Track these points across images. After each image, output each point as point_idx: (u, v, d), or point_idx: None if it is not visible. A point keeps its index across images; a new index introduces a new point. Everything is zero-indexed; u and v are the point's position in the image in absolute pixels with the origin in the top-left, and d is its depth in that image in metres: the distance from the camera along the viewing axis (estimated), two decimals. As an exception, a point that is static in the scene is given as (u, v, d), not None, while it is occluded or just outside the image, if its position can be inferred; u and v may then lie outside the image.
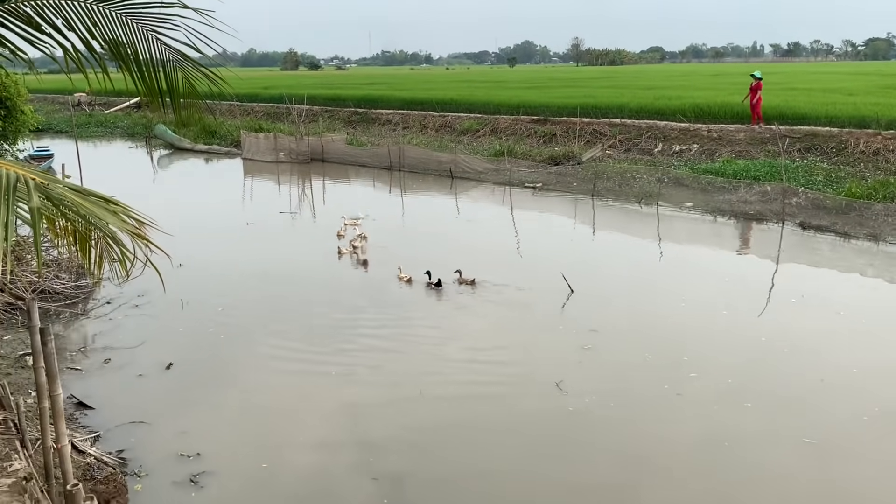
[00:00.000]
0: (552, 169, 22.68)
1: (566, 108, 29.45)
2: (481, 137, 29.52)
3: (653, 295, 11.51)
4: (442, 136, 30.75)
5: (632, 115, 27.59)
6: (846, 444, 7.02)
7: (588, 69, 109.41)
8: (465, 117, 32.20)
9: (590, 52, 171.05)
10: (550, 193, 20.59)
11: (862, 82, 39.75)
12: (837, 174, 18.99)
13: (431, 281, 11.85)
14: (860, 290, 11.81)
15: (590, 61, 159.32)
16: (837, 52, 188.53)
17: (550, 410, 7.76)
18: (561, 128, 27.57)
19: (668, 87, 38.37)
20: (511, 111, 31.26)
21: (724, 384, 8.28)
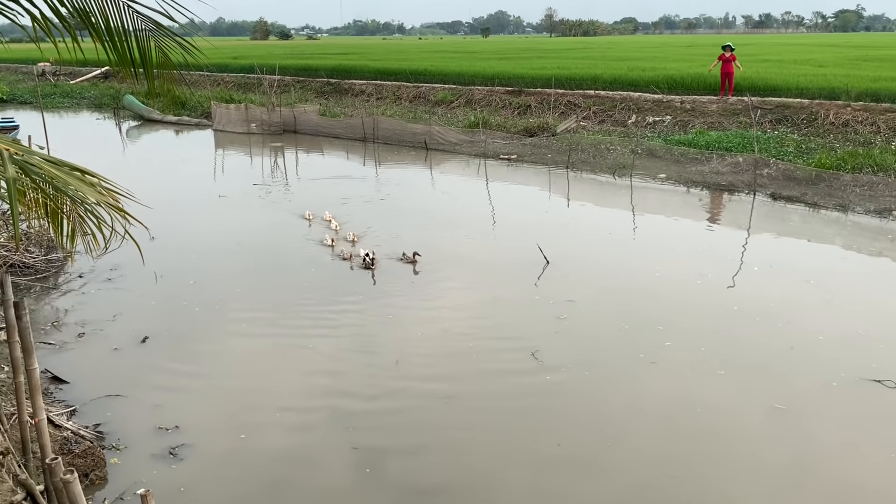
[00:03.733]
0: (527, 140, 22.67)
1: (540, 80, 29.39)
2: (456, 109, 29.38)
3: (628, 265, 11.63)
4: (416, 107, 30.54)
5: (605, 87, 27.61)
6: (815, 410, 7.20)
7: (562, 40, 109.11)
8: (440, 88, 31.99)
9: (563, 23, 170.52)
10: (525, 165, 20.61)
11: (831, 54, 40.16)
12: (808, 145, 19.25)
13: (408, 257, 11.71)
14: (829, 259, 12.05)
15: (563, 32, 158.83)
16: (808, 23, 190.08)
17: (526, 380, 7.85)
18: (535, 99, 27.52)
19: (642, 59, 38.42)
20: (485, 82, 31.10)
21: (698, 352, 8.43)
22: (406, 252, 11.69)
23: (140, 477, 6.14)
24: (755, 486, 6.05)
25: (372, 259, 11.43)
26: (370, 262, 11.38)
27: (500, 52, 52.10)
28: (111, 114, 35.02)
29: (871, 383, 7.58)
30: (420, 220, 14.51)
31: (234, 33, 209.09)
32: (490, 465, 6.38)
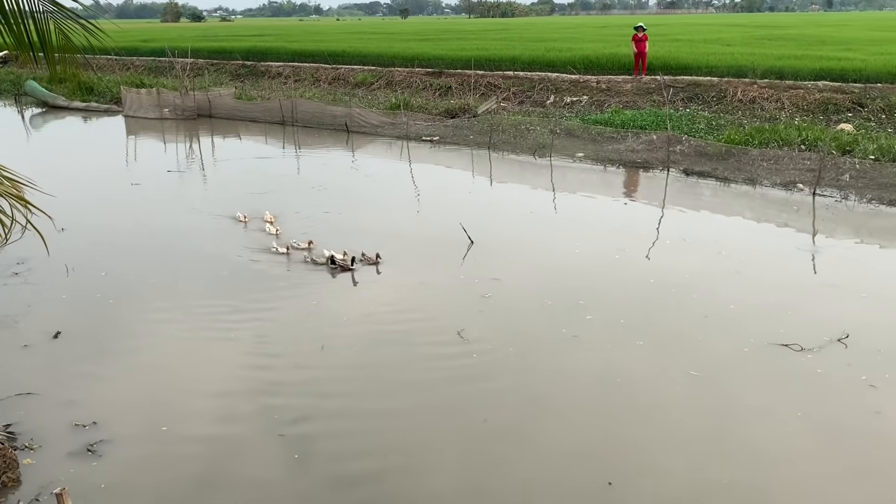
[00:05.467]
0: (449, 122, 22.71)
1: (460, 61, 29.42)
2: (376, 90, 29.13)
3: (550, 242, 11.85)
4: (336, 88, 30.13)
5: (524, 68, 27.87)
6: (729, 375, 7.53)
7: (480, 21, 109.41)
8: (359, 70, 31.63)
9: (482, 4, 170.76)
10: (448, 146, 20.65)
11: (738, 33, 41.68)
12: (718, 122, 19.96)
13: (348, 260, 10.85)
14: (739, 231, 12.58)
15: (482, 13, 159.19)
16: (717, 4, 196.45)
17: (452, 358, 7.92)
18: (456, 80, 27.55)
19: (559, 40, 38.92)
20: (405, 63, 30.90)
21: (618, 324, 8.69)
22: (366, 252, 10.96)
23: (56, 476, 5.91)
24: (677, 450, 6.30)
25: (353, 259, 10.61)
26: (347, 262, 10.53)
27: (420, 34, 51.83)
28: (12, 101, 33.14)
29: (780, 348, 7.98)
30: (344, 203, 14.36)
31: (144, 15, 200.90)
32: (419, 445, 6.42)
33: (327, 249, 10.93)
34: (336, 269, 10.55)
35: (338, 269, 10.55)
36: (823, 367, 7.55)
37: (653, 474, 6.02)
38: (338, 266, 10.56)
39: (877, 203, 13.68)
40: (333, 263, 10.61)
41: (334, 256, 10.64)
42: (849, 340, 8.05)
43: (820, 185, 14.43)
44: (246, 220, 13.03)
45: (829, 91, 20.74)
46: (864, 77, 21.46)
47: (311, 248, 11.30)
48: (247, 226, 12.83)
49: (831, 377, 7.38)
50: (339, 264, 10.54)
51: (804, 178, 14.97)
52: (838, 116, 19.32)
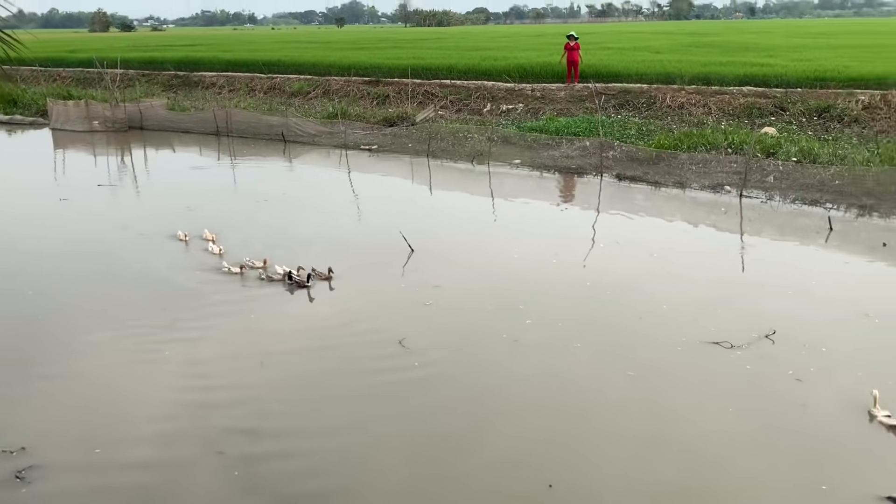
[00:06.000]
0: (387, 130, 22.72)
1: (397, 69, 29.46)
2: (313, 99, 28.93)
3: (489, 248, 11.98)
4: (271, 98, 29.81)
5: (461, 76, 28.11)
6: (663, 374, 7.75)
7: (416, 30, 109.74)
8: (295, 79, 31.37)
9: (417, 13, 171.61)
10: (387, 155, 20.66)
11: (667, 41, 42.91)
12: (648, 128, 20.50)
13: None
14: (670, 233, 12.96)
15: (418, 22, 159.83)
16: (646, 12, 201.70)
17: (394, 370, 7.92)
18: (393, 89, 27.58)
19: (494, 48, 39.38)
20: (342, 72, 30.80)
21: (556, 328, 8.84)
22: (316, 267, 10.63)
23: (-17, 506, 5.69)
24: (618, 451, 6.45)
25: (308, 275, 10.29)
26: (303, 279, 10.25)
27: (356, 42, 51.73)
28: (-72, 114, 31.64)
29: (711, 346, 8.25)
30: (285, 215, 14.23)
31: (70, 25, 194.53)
32: (363, 462, 6.39)
33: (279, 266, 10.65)
34: (293, 286, 10.27)
35: (294, 285, 10.28)
36: (752, 364, 7.84)
37: (594, 476, 6.15)
38: (294, 283, 10.30)
39: (800, 203, 14.27)
40: (290, 280, 10.37)
41: (291, 273, 10.38)
42: (776, 336, 8.37)
43: (746, 187, 14.98)
44: (186, 238, 12.43)
45: (752, 96, 21.55)
46: (785, 82, 22.37)
47: (266, 266, 10.84)
48: (188, 244, 12.29)
49: (760, 373, 7.66)
50: (297, 281, 10.28)
51: (731, 181, 15.51)
52: (762, 120, 20.09)
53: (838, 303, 9.46)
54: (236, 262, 10.99)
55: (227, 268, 10.87)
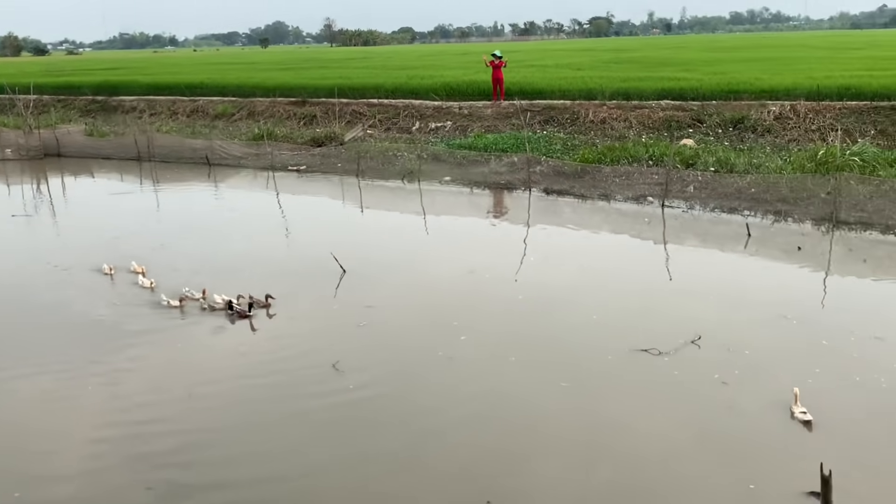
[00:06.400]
0: (315, 151, 22.58)
1: (324, 89, 29.34)
2: (238, 121, 28.49)
3: (422, 266, 12.00)
4: (194, 121, 29.21)
5: (388, 95, 28.18)
6: (596, 383, 7.89)
7: (342, 49, 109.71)
8: (219, 101, 30.84)
9: (343, 33, 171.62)
10: (316, 175, 20.50)
11: (588, 58, 44.07)
12: (573, 142, 20.97)
13: None
14: (597, 244, 13.26)
15: (344, 42, 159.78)
16: (567, 30, 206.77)
17: (329, 392, 7.82)
18: (320, 109, 27.44)
19: (421, 67, 39.67)
20: (267, 93, 30.49)
21: (490, 342, 8.91)
22: (253, 295, 10.27)
23: None
24: (557, 460, 6.54)
25: (249, 306, 9.97)
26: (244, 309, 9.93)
27: (282, 63, 51.30)
28: None
29: (640, 353, 8.45)
30: (213, 241, 13.92)
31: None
32: (299, 486, 6.28)
33: (218, 295, 10.30)
34: (234, 316, 9.94)
35: (235, 315, 9.95)
36: (680, 369, 8.06)
37: (535, 487, 6.20)
38: (235, 312, 9.98)
39: (719, 211, 14.81)
40: (231, 309, 10.06)
41: (232, 302, 10.07)
42: (701, 342, 8.65)
43: (668, 198, 15.47)
44: (112, 271, 11.78)
45: (671, 109, 22.32)
46: (701, 95, 23.24)
47: (205, 296, 10.41)
48: (114, 278, 11.67)
49: (688, 378, 7.89)
50: (238, 311, 9.98)
51: (653, 192, 15.99)
52: (680, 132, 20.81)
53: (758, 306, 9.83)
54: (175, 295, 10.50)
55: (166, 301, 10.39)
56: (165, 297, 10.43)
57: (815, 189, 14.73)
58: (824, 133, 19.20)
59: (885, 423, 6.88)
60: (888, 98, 20.35)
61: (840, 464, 6.08)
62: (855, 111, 20.00)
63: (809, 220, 13.84)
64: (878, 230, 13.07)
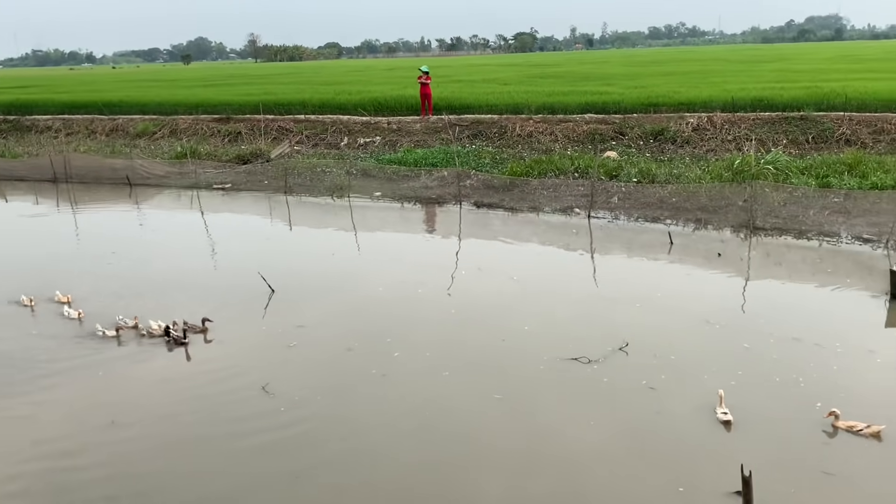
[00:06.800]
0: (241, 168, 22.18)
1: (248, 106, 28.95)
2: (160, 140, 27.74)
3: (354, 283, 11.88)
4: (114, 140, 28.32)
5: (315, 111, 27.99)
6: (529, 393, 7.95)
7: (268, 65, 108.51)
8: (139, 119, 30.02)
9: (268, 49, 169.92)
10: (242, 193, 20.12)
11: (514, 73, 44.84)
12: (501, 156, 21.23)
13: None
14: (527, 255, 13.41)
15: (269, 57, 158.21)
16: (493, 45, 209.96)
17: (259, 415, 7.64)
18: (245, 126, 27.00)
19: (348, 83, 39.59)
20: (190, 110, 29.86)
21: (424, 358, 8.87)
22: (188, 320, 9.95)
23: None
24: (494, 472, 6.56)
25: (184, 332, 9.61)
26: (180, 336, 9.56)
27: (205, 80, 50.34)
28: None
29: (571, 362, 8.57)
30: (137, 265, 13.42)
31: None
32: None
33: (153, 321, 9.90)
34: (170, 343, 9.56)
35: (172, 342, 9.57)
36: (609, 376, 8.21)
37: (473, 498, 6.19)
38: (171, 339, 9.60)
39: (642, 220, 15.21)
40: (167, 336, 9.68)
41: (168, 328, 9.68)
42: (629, 348, 8.83)
43: (594, 209, 15.80)
44: (32, 303, 11.10)
45: (594, 122, 22.86)
46: (623, 108, 23.93)
47: (137, 323, 10.01)
48: (34, 310, 11.02)
49: (617, 385, 8.04)
50: (174, 338, 9.59)
51: (580, 203, 16.32)
52: (604, 145, 21.33)
53: (683, 312, 10.12)
54: (109, 324, 9.98)
55: (101, 331, 9.90)
56: (101, 327, 9.94)
57: (733, 197, 15.32)
58: (740, 143, 20.00)
59: (804, 421, 7.15)
60: (798, 109, 21.39)
61: (763, 462, 6.30)
62: (767, 122, 20.92)
63: (728, 227, 14.35)
64: (792, 235, 13.65)
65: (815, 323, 9.55)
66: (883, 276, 10.75)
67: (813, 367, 8.24)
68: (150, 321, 9.94)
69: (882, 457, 6.63)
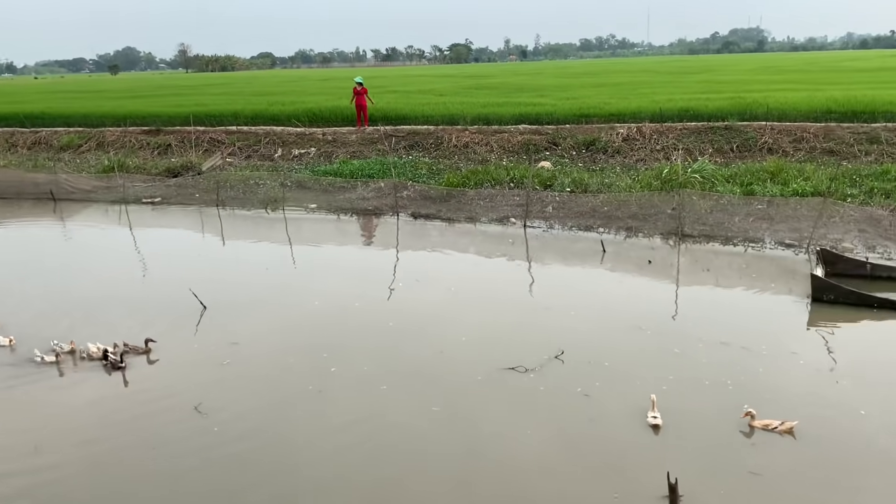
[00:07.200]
0: (171, 181, 21.64)
1: (179, 117, 28.32)
2: (86, 153, 26.84)
3: (289, 298, 11.70)
4: (36, 154, 27.26)
5: (248, 122, 27.59)
6: (468, 404, 7.97)
7: (199, 76, 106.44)
8: (64, 132, 28.98)
9: (199, 59, 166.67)
10: (173, 207, 19.62)
11: (449, 84, 45.14)
12: (438, 167, 21.31)
13: None
14: (465, 266, 13.47)
15: (200, 67, 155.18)
16: (428, 56, 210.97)
17: (190, 435, 7.44)
18: (175, 138, 26.38)
19: (281, 93, 39.17)
20: (118, 122, 29.04)
21: (362, 372, 8.80)
22: (129, 342, 9.62)
23: None
24: (436, 483, 6.57)
25: (121, 355, 9.22)
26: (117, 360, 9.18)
27: (133, 91, 49.04)
28: None
29: (508, 371, 8.64)
30: (64, 283, 12.92)
31: None
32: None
33: (92, 343, 9.51)
34: (108, 366, 9.18)
35: (109, 365, 9.19)
36: (545, 385, 8.30)
37: (407, 516, 6.16)
38: (109, 363, 9.22)
39: (576, 229, 15.48)
40: (105, 359, 9.30)
41: (107, 351, 9.30)
42: (564, 356, 8.96)
43: (529, 218, 16.01)
44: None
45: (528, 133, 23.19)
46: (555, 119, 24.36)
47: (74, 347, 9.60)
48: None
49: (552, 393, 8.14)
50: (111, 361, 9.22)
51: (515, 213, 16.50)
52: (538, 155, 21.64)
53: (616, 318, 10.32)
54: (44, 349, 9.54)
55: (39, 357, 9.42)
56: (39, 353, 9.47)
57: (662, 205, 15.75)
58: (668, 152, 20.58)
59: (733, 422, 7.37)
60: (722, 119, 22.17)
61: (695, 465, 6.48)
62: (694, 131, 21.59)
63: (658, 235, 14.73)
64: (719, 241, 14.10)
65: (742, 327, 9.87)
66: (804, 279, 11.20)
67: (740, 370, 8.52)
68: (89, 344, 9.56)
69: (802, 454, 6.88)
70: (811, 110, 22.34)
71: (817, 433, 7.17)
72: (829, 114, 22.04)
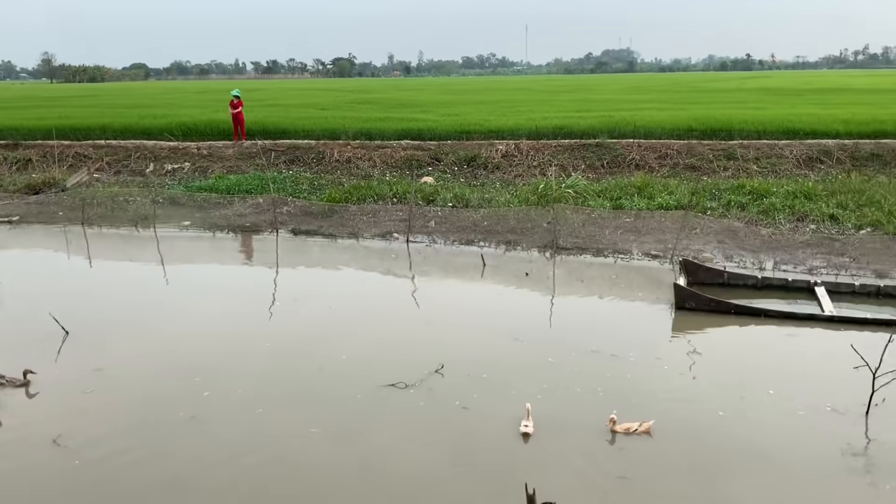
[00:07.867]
0: (31, 199, 20.34)
1: (40, 130, 26.67)
2: (-68, 168, 24.73)
3: (159, 320, 11.20)
4: None
5: (117, 136, 26.35)
6: (347, 423, 7.88)
7: (64, 86, 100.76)
8: None
9: (65, 69, 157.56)
10: (33, 226, 18.38)
11: (332, 98, 44.86)
12: (319, 182, 21.09)
13: None
14: (346, 282, 13.38)
15: (66, 78, 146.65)
16: (311, 69, 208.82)
17: (47, 469, 6.96)
18: (37, 152, 24.81)
19: (154, 106, 37.64)
20: (-31, 136, 26.91)
21: (236, 395, 8.53)
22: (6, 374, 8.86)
23: None
24: None
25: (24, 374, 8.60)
26: None
27: (-12, 101, 45.66)
28: None
29: (388, 388, 8.62)
30: None
31: None
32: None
33: None
34: None
35: None
36: (426, 400, 8.35)
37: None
38: None
39: (458, 244, 15.71)
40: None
41: None
42: (444, 370, 9.04)
43: (412, 233, 16.10)
44: None
45: (411, 149, 23.39)
46: (438, 135, 24.70)
47: None
48: None
49: (432, 407, 8.19)
50: None
51: (399, 228, 16.56)
52: (421, 171, 21.87)
53: (494, 331, 10.53)
54: None
55: None
56: None
57: (538, 219, 16.27)
58: (544, 168, 21.30)
59: (603, 429, 7.66)
60: (594, 136, 23.22)
61: (569, 471, 6.69)
62: (568, 148, 22.48)
63: (535, 248, 15.18)
64: (591, 253, 14.69)
65: (612, 335, 10.30)
66: (669, 288, 11.84)
67: (610, 377, 8.89)
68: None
69: (665, 455, 7.25)
70: (675, 128, 23.79)
71: (680, 434, 7.58)
72: (690, 132, 23.54)
